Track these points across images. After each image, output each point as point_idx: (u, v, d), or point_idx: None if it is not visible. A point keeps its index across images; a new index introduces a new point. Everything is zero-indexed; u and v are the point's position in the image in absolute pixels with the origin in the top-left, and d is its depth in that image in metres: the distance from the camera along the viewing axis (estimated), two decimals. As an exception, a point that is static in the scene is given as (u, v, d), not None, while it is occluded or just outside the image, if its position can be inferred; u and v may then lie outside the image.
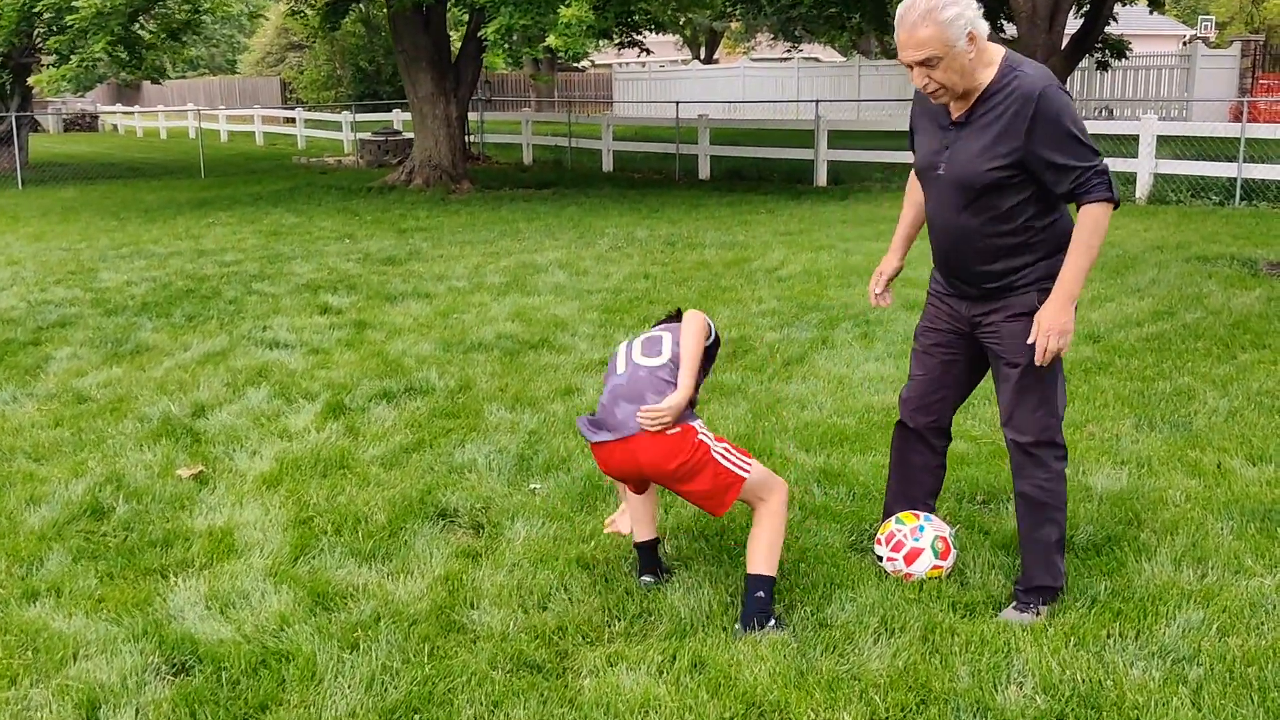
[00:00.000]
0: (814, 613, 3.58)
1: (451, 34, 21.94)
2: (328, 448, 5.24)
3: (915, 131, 3.68)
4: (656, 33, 25.19)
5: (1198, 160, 14.76)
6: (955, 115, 3.44)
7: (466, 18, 17.90)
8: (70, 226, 14.18)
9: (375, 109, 32.12)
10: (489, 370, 6.68)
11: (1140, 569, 3.83)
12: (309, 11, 20.34)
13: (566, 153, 23.69)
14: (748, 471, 3.52)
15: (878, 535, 3.89)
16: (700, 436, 3.50)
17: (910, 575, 3.76)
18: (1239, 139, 14.23)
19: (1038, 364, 3.38)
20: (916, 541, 3.76)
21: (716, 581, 3.80)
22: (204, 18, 18.79)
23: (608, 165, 22.11)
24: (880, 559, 3.84)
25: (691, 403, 3.56)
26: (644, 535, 3.84)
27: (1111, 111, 26.14)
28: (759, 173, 19.55)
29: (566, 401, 6.00)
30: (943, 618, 3.52)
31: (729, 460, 3.51)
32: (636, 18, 19.88)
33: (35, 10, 15.01)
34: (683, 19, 37.95)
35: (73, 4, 14.26)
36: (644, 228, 13.09)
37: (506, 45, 13.55)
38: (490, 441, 5.32)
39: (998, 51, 3.36)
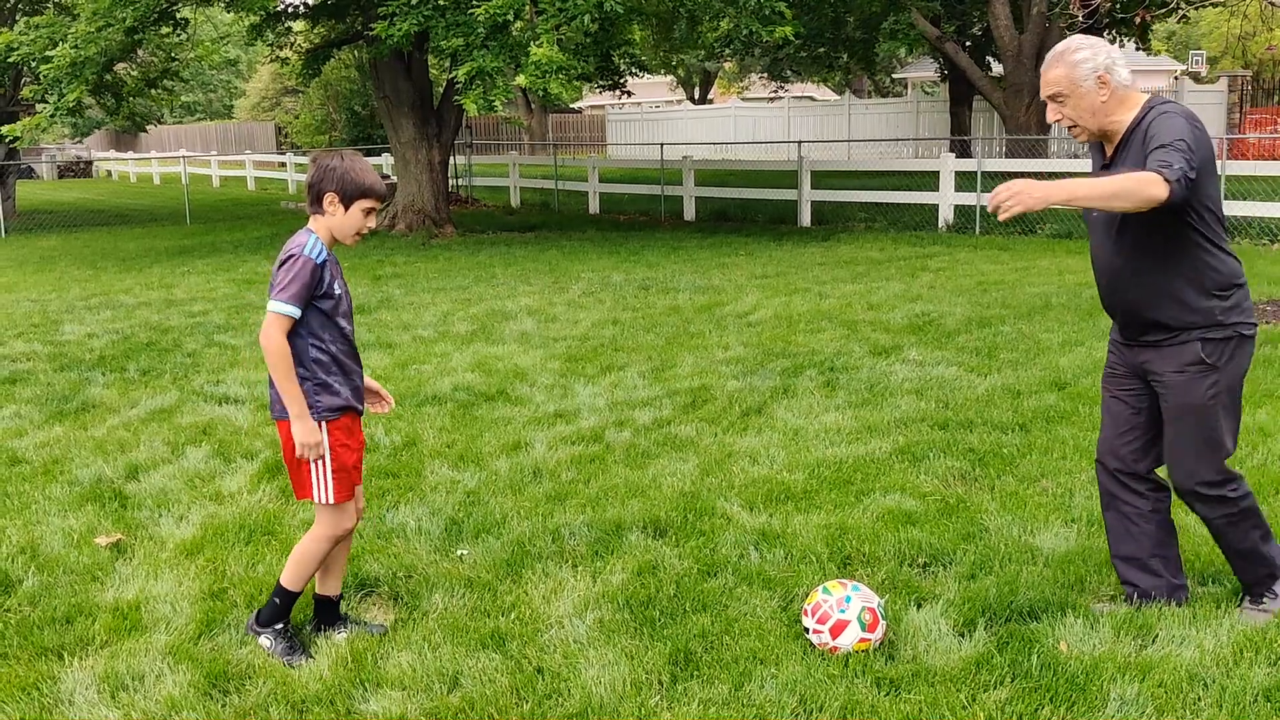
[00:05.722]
0: (732, 691, 3.41)
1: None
2: (257, 511, 5.09)
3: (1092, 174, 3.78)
4: (642, 75, 25.25)
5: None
6: (1107, 156, 3.61)
7: (448, 63, 17.93)
8: (44, 277, 14.10)
9: (367, 153, 32.20)
10: (439, 425, 6.53)
11: (1078, 638, 3.65)
12: (292, 57, 20.35)
13: (554, 195, 23.67)
14: (320, 500, 3.63)
15: (805, 605, 3.73)
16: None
17: (836, 649, 3.58)
18: (1219, 176, 14.13)
19: (989, 208, 3.36)
20: (842, 613, 3.59)
21: (634, 656, 3.62)
22: (178, 65, 18.78)
23: (594, 207, 22.07)
24: (807, 630, 3.67)
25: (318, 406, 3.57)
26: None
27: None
28: (744, 214, 19.49)
29: (512, 458, 5.85)
30: (865, 695, 3.35)
31: (318, 478, 3.60)
32: (619, 61, 19.89)
33: (10, 61, 15.00)
34: (674, 60, 38.18)
35: (47, 54, 14.25)
36: (621, 272, 12.99)
37: (480, 88, 13.50)
38: (426, 503, 5.16)
39: (1142, 97, 3.57)
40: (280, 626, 3.73)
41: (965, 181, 16.70)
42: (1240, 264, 3.64)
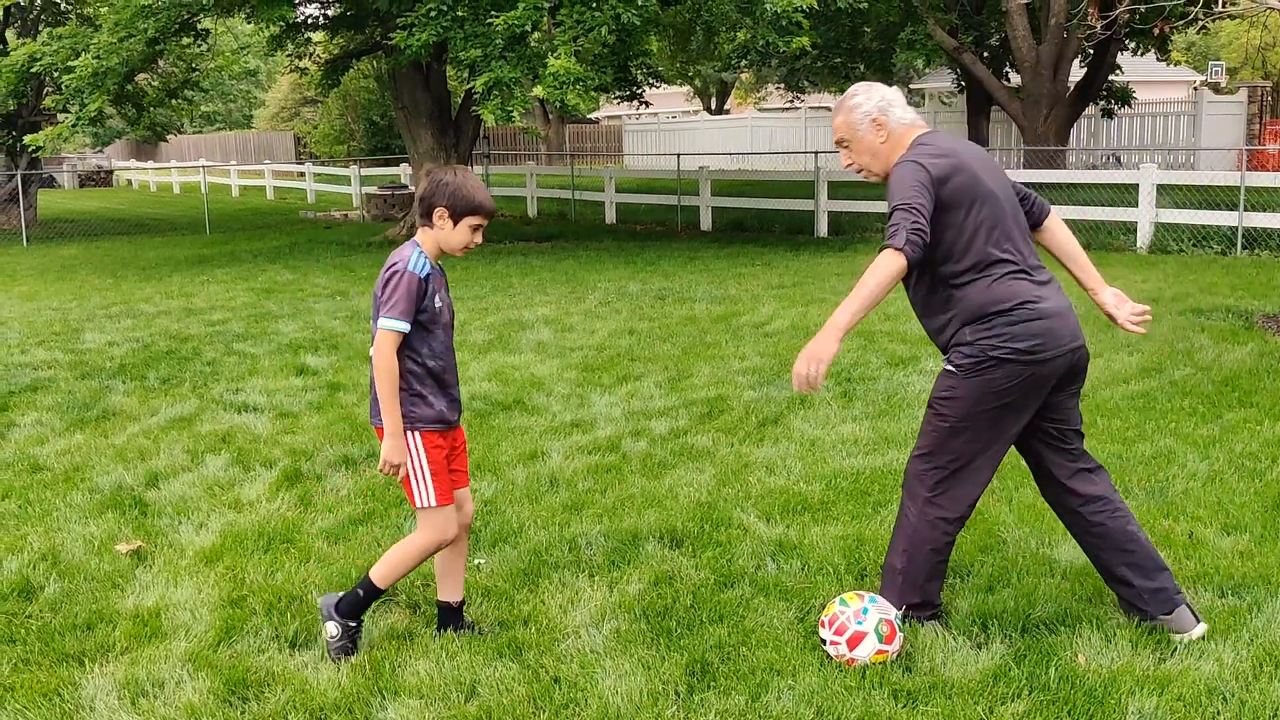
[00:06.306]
0: (749, 702, 3.41)
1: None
2: (276, 520, 5.11)
3: None
4: (658, 86, 25.31)
5: (1199, 209, 14.62)
6: None
7: (466, 74, 18.06)
8: (65, 285, 14.21)
9: (386, 163, 32.36)
10: (456, 434, 6.54)
11: (1096, 651, 3.64)
12: (311, 67, 20.49)
13: (570, 205, 23.72)
14: (422, 504, 3.68)
15: (822, 617, 3.73)
16: (410, 447, 3.64)
17: (854, 660, 3.58)
18: (1239, 187, 14.07)
19: (794, 388, 3.47)
20: (860, 625, 3.59)
21: (651, 667, 3.63)
22: (199, 76, 18.94)
23: (611, 217, 22.10)
24: (824, 642, 3.67)
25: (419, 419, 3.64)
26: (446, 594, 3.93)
27: (1120, 159, 26.05)
28: (760, 224, 19.49)
29: (529, 467, 5.87)
30: (882, 707, 3.35)
31: (417, 483, 3.65)
32: (636, 72, 19.94)
33: (33, 71, 15.16)
34: (691, 71, 38.26)
35: (70, 64, 14.39)
36: (637, 281, 13.01)
37: (498, 99, 13.56)
38: (443, 512, 5.17)
39: (915, 134, 3.69)
40: (354, 624, 3.76)
41: (983, 192, 16.62)
42: (1006, 288, 3.55)
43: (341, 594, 3.82)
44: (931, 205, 3.47)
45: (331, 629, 3.74)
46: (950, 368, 3.65)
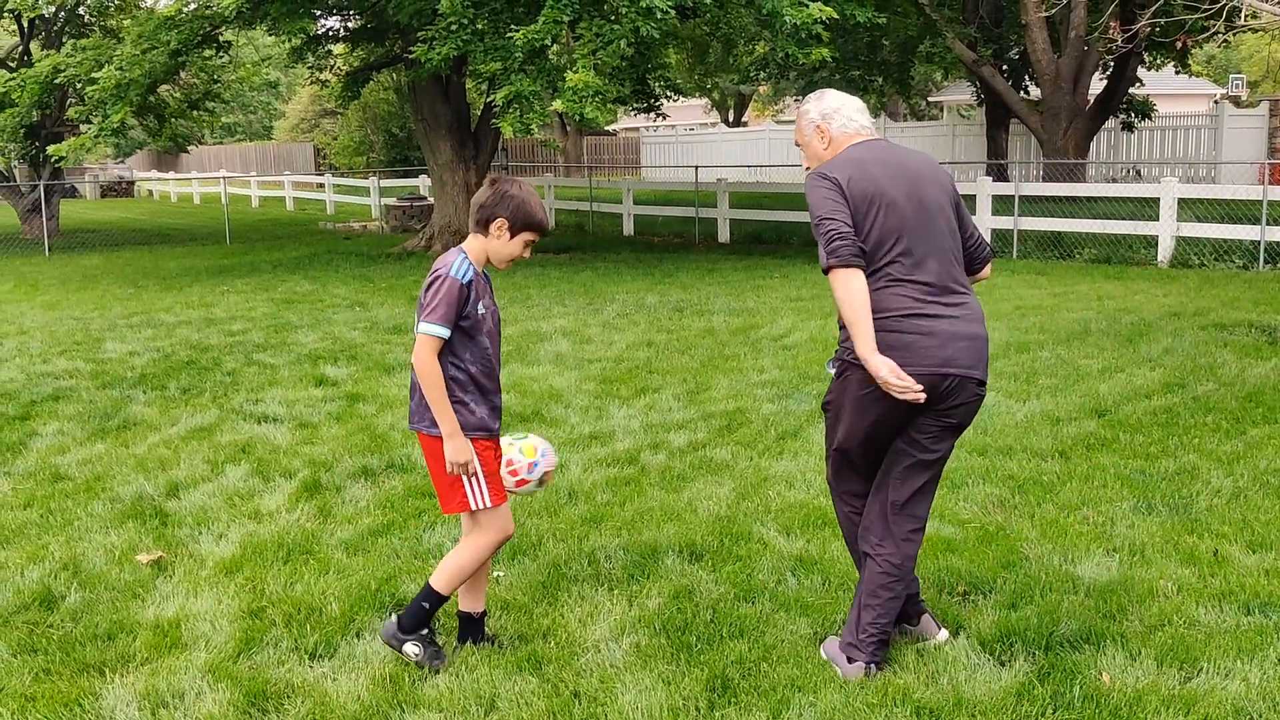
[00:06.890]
0: (770, 718, 3.38)
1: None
2: (295, 530, 5.12)
3: None
4: (676, 98, 25.35)
5: (1220, 223, 14.53)
6: None
7: (486, 86, 18.15)
8: (87, 295, 14.30)
9: (405, 174, 32.47)
10: (474, 446, 6.54)
11: (1120, 669, 3.61)
12: (331, 79, 20.61)
13: (588, 217, 23.76)
14: (477, 506, 3.68)
15: (510, 457, 3.80)
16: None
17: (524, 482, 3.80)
18: (1261, 201, 13.99)
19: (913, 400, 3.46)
20: (529, 474, 3.80)
21: (671, 682, 3.61)
22: (220, 87, 19.07)
23: (629, 229, 22.13)
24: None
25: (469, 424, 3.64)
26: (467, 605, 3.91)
27: (1140, 173, 25.93)
28: (778, 236, 19.47)
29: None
30: (905, 725, 3.32)
31: (471, 486, 3.64)
32: (654, 84, 19.98)
33: (57, 82, 15.28)
34: (709, 83, 38.32)
35: (93, 75, 14.51)
36: (655, 293, 13.01)
37: (517, 111, 13.60)
38: (462, 524, 5.16)
39: (850, 143, 3.71)
40: (425, 633, 3.75)
41: (1002, 205, 16.61)
42: (881, 298, 3.45)
43: (398, 615, 3.79)
44: (846, 206, 3.50)
45: (410, 650, 3.72)
46: (830, 370, 3.75)
